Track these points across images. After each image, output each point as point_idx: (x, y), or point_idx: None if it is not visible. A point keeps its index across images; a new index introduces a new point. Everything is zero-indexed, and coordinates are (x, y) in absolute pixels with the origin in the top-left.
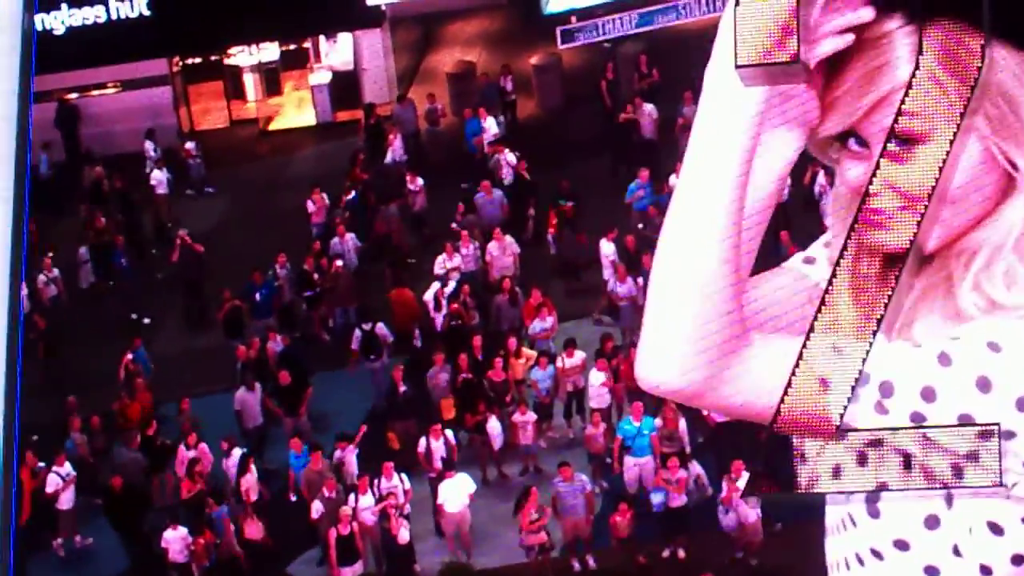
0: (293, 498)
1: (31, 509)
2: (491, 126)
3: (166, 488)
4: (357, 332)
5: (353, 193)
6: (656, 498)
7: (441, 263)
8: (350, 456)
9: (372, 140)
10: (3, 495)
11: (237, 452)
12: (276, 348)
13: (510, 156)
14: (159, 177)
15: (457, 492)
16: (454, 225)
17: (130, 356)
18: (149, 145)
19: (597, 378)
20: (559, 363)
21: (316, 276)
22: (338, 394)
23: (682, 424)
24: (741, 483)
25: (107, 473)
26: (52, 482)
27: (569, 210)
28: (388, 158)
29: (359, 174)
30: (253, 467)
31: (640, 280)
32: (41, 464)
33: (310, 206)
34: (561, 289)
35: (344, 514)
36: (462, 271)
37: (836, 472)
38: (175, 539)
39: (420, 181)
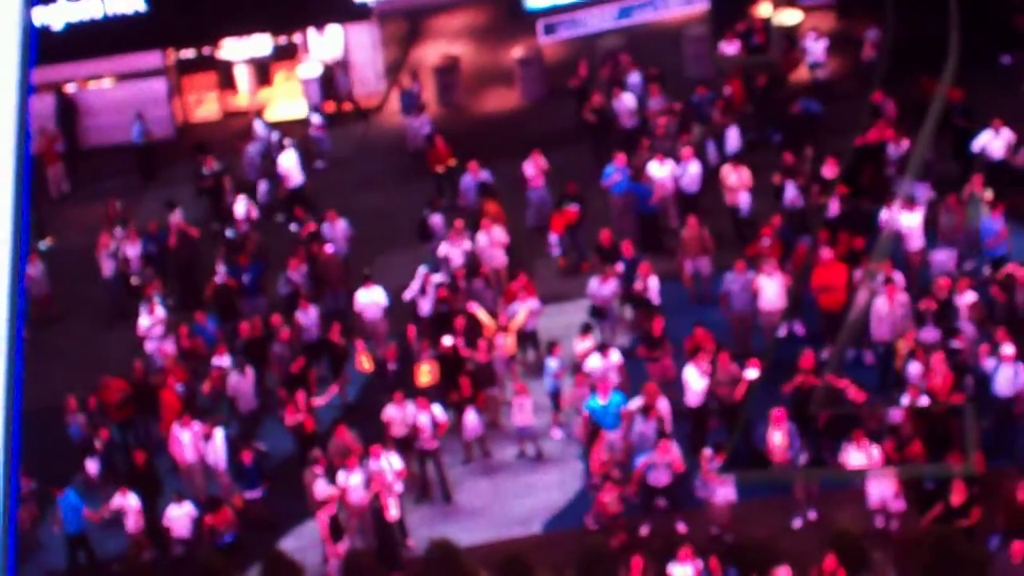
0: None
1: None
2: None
3: None
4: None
5: None
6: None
7: (446, 247)
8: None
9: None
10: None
11: (218, 434)
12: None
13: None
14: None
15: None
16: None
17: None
18: (260, 124)
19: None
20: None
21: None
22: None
23: (663, 403)
24: (715, 463)
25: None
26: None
27: (573, 215)
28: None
29: None
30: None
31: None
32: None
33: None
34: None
35: (330, 497)
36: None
37: None
38: (180, 516)
39: None
